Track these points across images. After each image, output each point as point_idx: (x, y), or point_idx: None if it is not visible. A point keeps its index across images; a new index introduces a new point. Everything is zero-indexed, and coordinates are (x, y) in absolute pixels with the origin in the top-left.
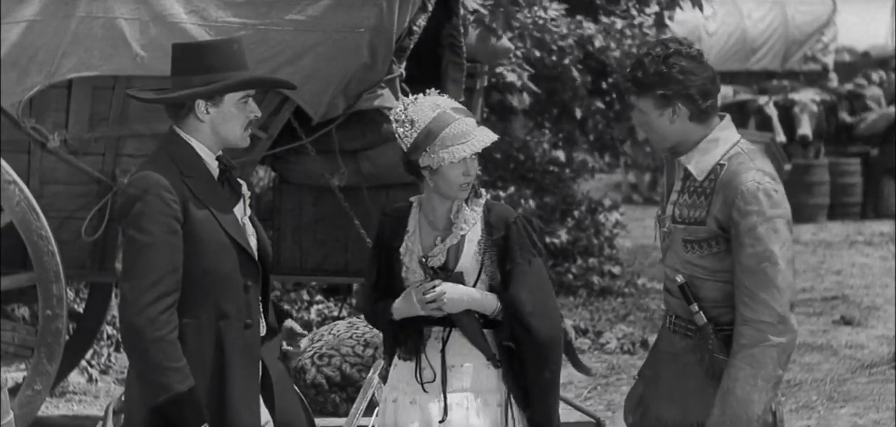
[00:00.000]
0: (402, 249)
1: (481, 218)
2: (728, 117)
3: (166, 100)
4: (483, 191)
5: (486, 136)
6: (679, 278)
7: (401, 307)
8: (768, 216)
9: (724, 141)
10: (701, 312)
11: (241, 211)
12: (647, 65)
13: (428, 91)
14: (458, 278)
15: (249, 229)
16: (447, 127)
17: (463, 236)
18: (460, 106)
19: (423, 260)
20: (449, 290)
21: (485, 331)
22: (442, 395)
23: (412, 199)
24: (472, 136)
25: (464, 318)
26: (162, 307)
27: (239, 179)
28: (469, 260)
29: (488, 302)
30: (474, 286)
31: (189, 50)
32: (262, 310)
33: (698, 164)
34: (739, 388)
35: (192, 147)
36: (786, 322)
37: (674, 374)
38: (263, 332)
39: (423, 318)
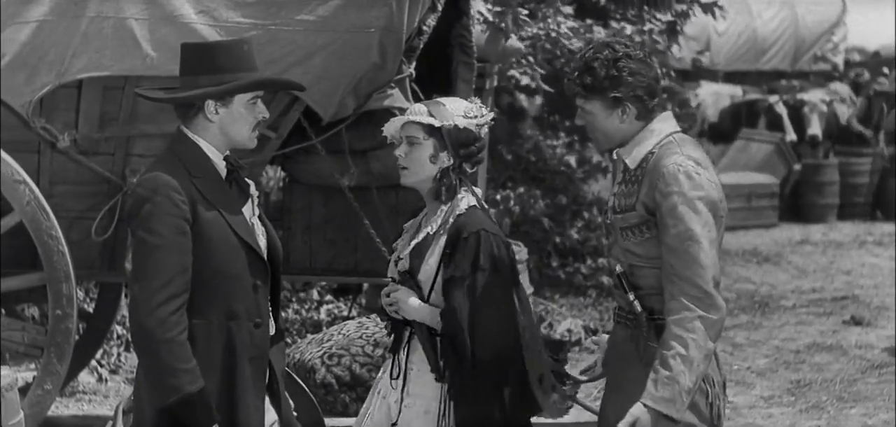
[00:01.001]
0: (394, 246)
1: (447, 230)
2: (668, 111)
3: (176, 99)
4: (464, 199)
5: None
6: (618, 267)
7: (384, 304)
8: (689, 197)
9: (659, 132)
10: (637, 301)
11: (250, 211)
12: (598, 69)
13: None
14: (417, 286)
15: (259, 229)
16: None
17: (427, 244)
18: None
19: (396, 262)
20: (401, 296)
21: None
22: (399, 396)
23: None
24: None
25: (417, 325)
26: (172, 308)
27: (247, 179)
28: (427, 269)
29: (426, 313)
30: (428, 296)
31: (198, 50)
32: (271, 310)
33: (633, 154)
34: (670, 359)
35: (200, 147)
36: (711, 298)
37: (616, 366)
38: (272, 332)
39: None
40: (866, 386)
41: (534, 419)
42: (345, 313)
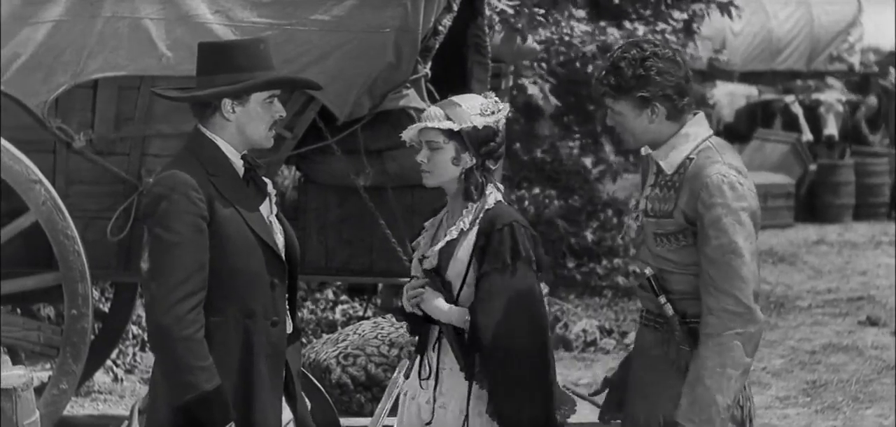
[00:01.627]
0: (413, 243)
1: (478, 224)
2: (701, 114)
3: (193, 98)
4: (491, 195)
5: (416, 126)
6: (648, 270)
7: (405, 300)
8: (733, 208)
9: (694, 136)
10: (669, 304)
11: (268, 209)
12: (625, 68)
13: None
14: (447, 283)
15: (276, 227)
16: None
17: (457, 241)
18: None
19: (421, 260)
20: (428, 296)
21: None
22: (431, 396)
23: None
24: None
25: (444, 325)
26: (189, 306)
27: (264, 178)
28: (457, 266)
29: (455, 315)
30: (459, 292)
31: (215, 49)
32: (288, 309)
33: (669, 158)
34: (707, 377)
35: (217, 146)
36: (751, 312)
37: (643, 369)
38: (289, 330)
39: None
40: (882, 386)
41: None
42: (360, 313)
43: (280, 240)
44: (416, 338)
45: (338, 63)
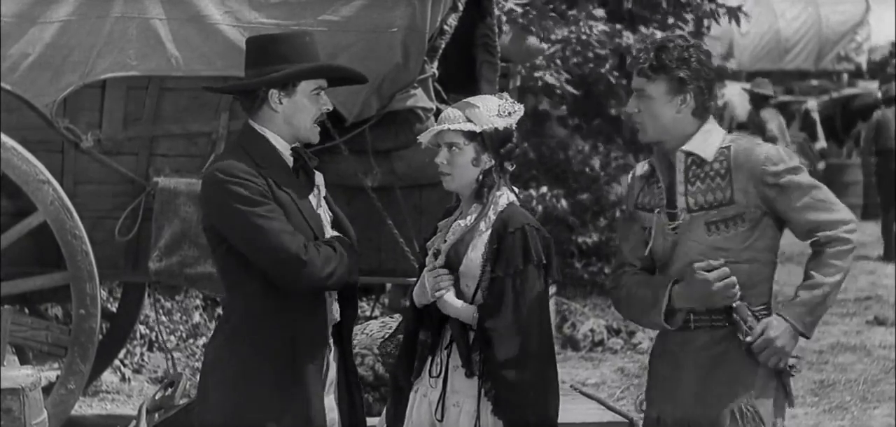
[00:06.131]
0: (428, 244)
1: (492, 226)
2: (711, 117)
3: (239, 87)
4: (504, 195)
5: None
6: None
7: (416, 293)
8: (795, 165)
9: (718, 132)
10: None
11: (316, 200)
12: (671, 49)
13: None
14: (457, 279)
15: (325, 218)
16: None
17: (468, 238)
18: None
19: (433, 255)
20: (444, 286)
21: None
22: (441, 394)
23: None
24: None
25: (453, 321)
26: (301, 239)
27: (315, 170)
28: (472, 264)
29: (465, 312)
30: (475, 292)
31: (261, 42)
32: (338, 297)
33: (703, 147)
34: (830, 289)
35: (266, 139)
36: (854, 221)
37: (700, 371)
38: (337, 318)
39: (443, 317)
40: (890, 386)
41: (560, 418)
42: (368, 313)
43: (328, 230)
44: (421, 334)
45: (346, 63)
